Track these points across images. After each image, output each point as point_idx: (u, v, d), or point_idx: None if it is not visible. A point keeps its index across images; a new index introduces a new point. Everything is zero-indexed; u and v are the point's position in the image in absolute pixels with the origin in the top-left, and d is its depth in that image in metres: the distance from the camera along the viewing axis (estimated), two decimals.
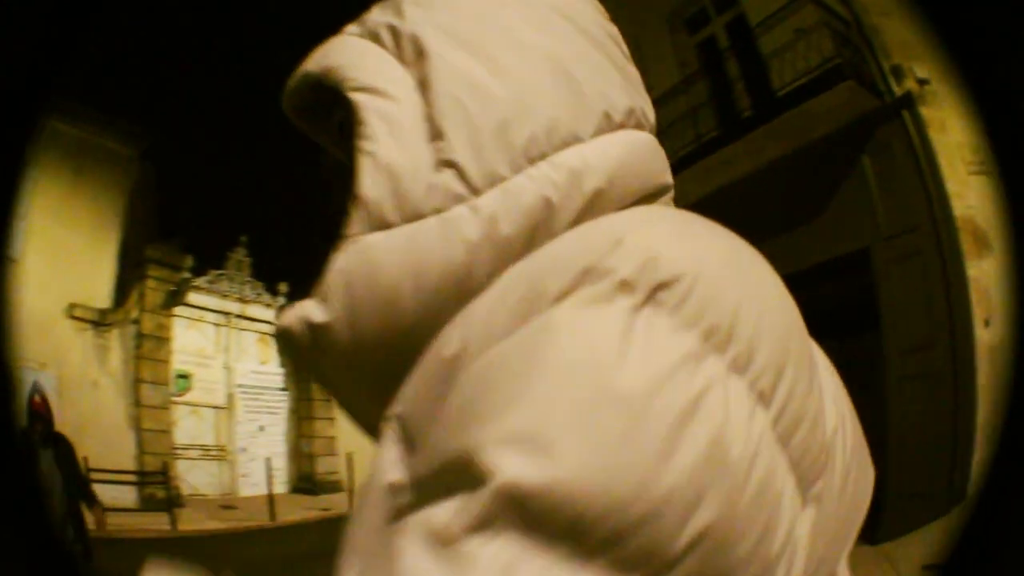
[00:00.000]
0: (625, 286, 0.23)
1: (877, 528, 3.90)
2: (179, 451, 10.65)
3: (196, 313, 10.69)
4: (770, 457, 0.23)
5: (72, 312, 9.50)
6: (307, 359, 0.31)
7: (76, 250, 9.55)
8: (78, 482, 2.98)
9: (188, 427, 10.95)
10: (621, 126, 0.32)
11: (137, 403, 10.14)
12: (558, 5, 0.34)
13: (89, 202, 9.55)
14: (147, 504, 8.82)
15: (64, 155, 8.80)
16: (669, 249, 0.24)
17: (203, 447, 10.77)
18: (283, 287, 11.50)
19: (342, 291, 0.29)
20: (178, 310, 10.39)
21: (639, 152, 0.32)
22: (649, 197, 0.33)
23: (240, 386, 11.07)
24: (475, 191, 0.29)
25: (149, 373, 10.06)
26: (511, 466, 0.20)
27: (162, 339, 10.30)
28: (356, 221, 0.29)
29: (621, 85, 0.33)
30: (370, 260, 0.29)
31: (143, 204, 10.86)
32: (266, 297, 11.28)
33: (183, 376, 10.62)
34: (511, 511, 0.20)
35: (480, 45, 0.31)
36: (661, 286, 0.23)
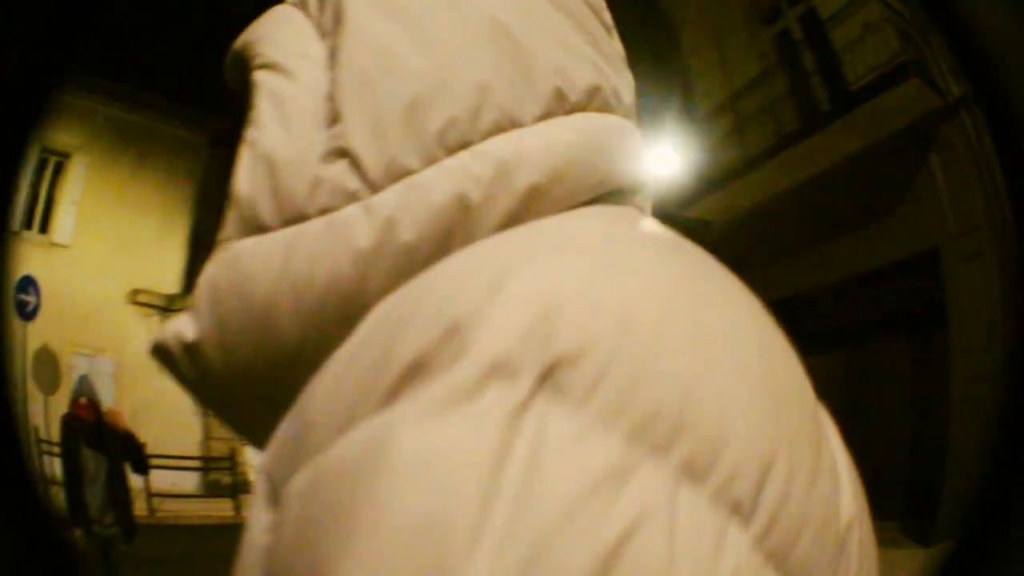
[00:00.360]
0: (501, 368, 0.16)
1: (932, 532, 3.69)
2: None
3: None
4: None
5: (135, 298, 9.49)
6: (185, 381, 0.26)
7: (140, 237, 9.53)
8: (136, 466, 3.14)
9: None
10: (579, 108, 0.26)
11: None
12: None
13: (153, 189, 9.41)
14: (211, 490, 8.92)
15: (125, 142, 8.90)
16: (577, 297, 0.17)
17: None
18: None
19: (210, 306, 0.24)
20: None
21: (599, 140, 0.26)
22: (611, 196, 0.26)
23: None
24: (372, 187, 0.23)
25: None
26: None
27: None
28: (229, 222, 0.25)
29: (588, 59, 0.27)
30: (241, 270, 0.24)
31: (218, 190, 10.79)
32: None
33: None
34: None
35: (407, 6, 0.25)
36: (559, 364, 0.16)
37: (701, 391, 0.16)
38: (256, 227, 0.24)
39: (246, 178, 0.24)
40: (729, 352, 0.18)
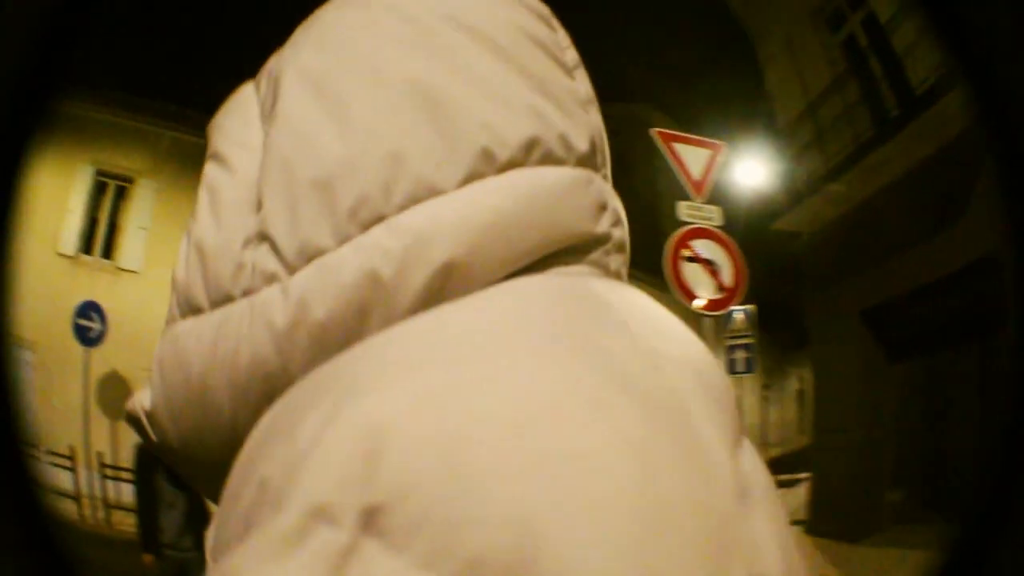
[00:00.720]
0: (321, 513, 0.16)
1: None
2: None
3: None
4: None
5: None
6: (150, 444, 0.28)
7: None
8: None
9: None
10: (514, 164, 0.24)
11: None
12: (455, 12, 0.26)
13: None
14: None
15: (193, 164, 9.50)
16: (407, 432, 0.17)
17: None
18: None
19: (159, 380, 0.26)
20: None
21: (534, 199, 0.23)
22: (561, 256, 0.24)
23: None
24: (289, 268, 0.23)
25: None
26: None
27: None
28: (172, 305, 0.27)
29: (528, 109, 0.24)
30: (180, 349, 0.25)
31: None
32: None
33: None
34: None
35: (332, 82, 0.25)
36: (379, 509, 0.16)
37: (542, 528, 0.15)
38: (192, 309, 0.26)
39: (182, 264, 0.27)
40: (589, 475, 0.16)
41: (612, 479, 0.17)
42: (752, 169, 6.18)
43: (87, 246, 9.85)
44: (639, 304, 0.25)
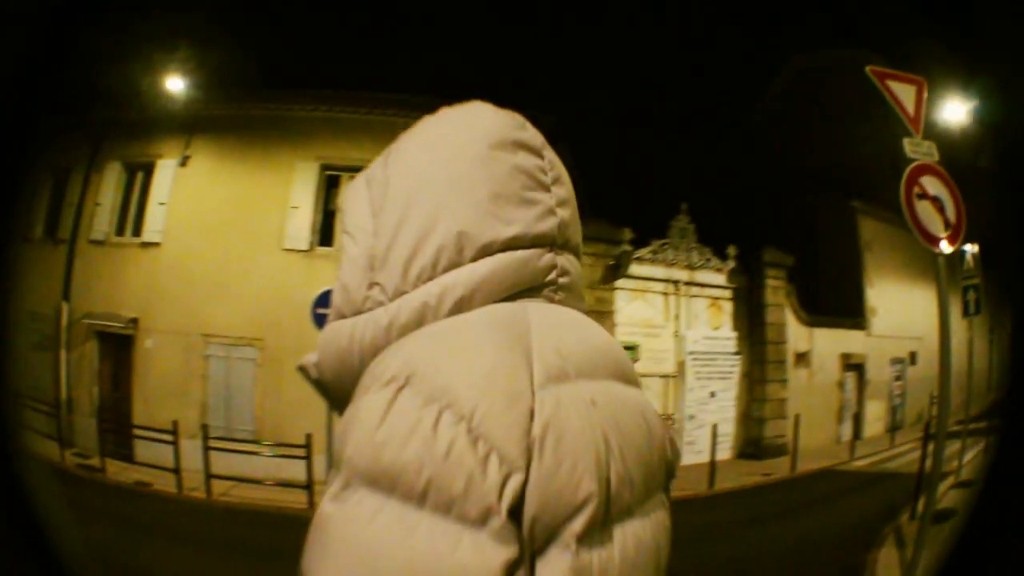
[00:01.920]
0: (390, 381, 0.46)
1: None
2: None
3: (640, 284, 10.39)
4: None
5: None
6: (314, 384, 0.59)
7: None
8: None
9: None
10: (505, 248, 0.55)
11: None
12: (479, 153, 0.56)
13: None
14: None
15: None
16: (421, 352, 0.48)
17: None
18: (732, 250, 11.05)
19: (322, 350, 0.57)
20: (620, 283, 10.08)
21: (505, 270, 0.54)
22: (523, 292, 0.56)
23: (691, 353, 10.67)
24: (389, 300, 0.54)
25: None
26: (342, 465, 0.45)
27: (603, 313, 9.78)
28: (330, 312, 0.58)
29: (508, 217, 0.55)
30: (335, 335, 0.56)
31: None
32: (715, 262, 10.94)
33: (630, 348, 9.93)
34: (355, 475, 0.44)
35: (406, 203, 0.56)
36: (407, 377, 0.46)
37: (448, 373, 0.45)
38: (340, 315, 0.56)
39: (337, 293, 0.56)
40: (466, 355, 0.48)
41: (474, 367, 0.46)
42: (960, 105, 5.50)
43: (325, 238, 9.36)
44: (548, 314, 0.54)
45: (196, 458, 7.95)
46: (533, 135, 0.64)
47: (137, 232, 9.93)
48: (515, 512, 0.44)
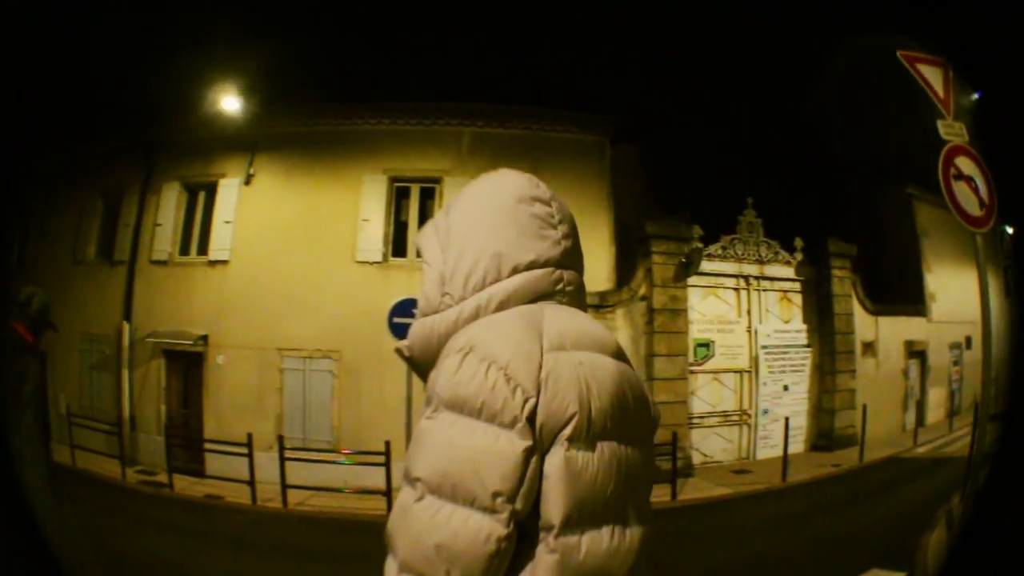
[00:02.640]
0: (460, 350, 0.84)
1: None
2: (694, 420, 9.98)
3: (712, 280, 10.54)
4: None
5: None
6: (407, 360, 0.97)
7: None
8: None
9: (708, 395, 10.27)
10: (527, 269, 0.95)
11: (650, 377, 9.47)
12: (505, 205, 0.97)
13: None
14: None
15: (510, 156, 9.25)
16: (477, 333, 0.87)
17: (723, 413, 10.42)
18: (798, 242, 11.13)
19: (412, 338, 0.97)
20: (692, 280, 10.16)
21: (528, 283, 0.95)
22: (541, 297, 0.96)
23: (764, 347, 10.75)
24: (455, 303, 0.94)
25: (664, 346, 9.79)
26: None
27: (677, 311, 9.93)
28: (417, 312, 0.98)
29: (529, 247, 0.95)
30: (421, 327, 0.97)
31: (633, 184, 10.42)
32: (783, 255, 11.00)
33: (703, 344, 10.33)
34: (441, 403, 0.85)
35: (462, 241, 0.96)
36: (468, 347, 0.84)
37: (487, 344, 0.87)
38: (424, 314, 0.99)
39: (421, 301, 0.98)
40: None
41: (525, 344, 0.86)
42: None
43: (398, 249, 9.49)
44: (557, 311, 0.95)
45: (271, 470, 8.03)
46: (544, 191, 1.04)
47: (203, 251, 10.05)
48: (531, 421, 0.83)
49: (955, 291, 12.39)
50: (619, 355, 0.96)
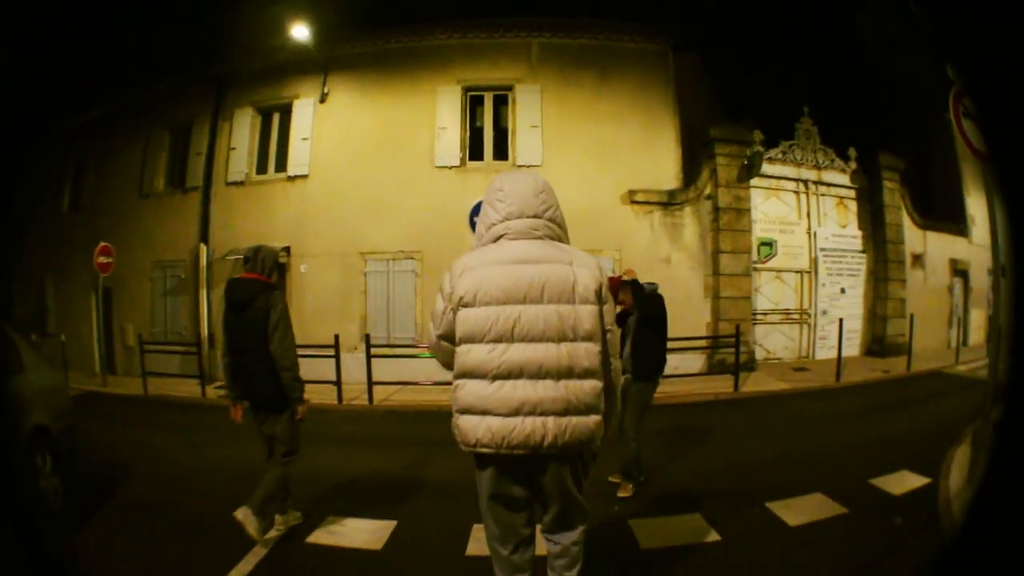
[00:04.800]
0: (452, 273, 1.98)
1: None
2: (758, 317, 10.87)
3: (773, 183, 11.16)
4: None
5: (633, 198, 10.25)
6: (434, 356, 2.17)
7: (622, 144, 10.26)
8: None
9: (770, 293, 11.13)
10: (523, 217, 2.03)
11: (716, 272, 10.33)
12: (525, 186, 2.06)
13: (627, 99, 10.37)
14: (715, 368, 9.69)
15: (578, 65, 10.36)
16: (466, 260, 1.99)
17: (784, 311, 11.12)
18: (852, 152, 11.77)
19: (432, 328, 2.10)
20: (754, 182, 10.78)
21: (525, 225, 2.02)
22: (500, 237, 2.04)
23: (822, 250, 11.39)
24: (484, 243, 2.04)
25: (729, 243, 10.40)
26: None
27: (741, 211, 10.53)
28: (474, 241, 2.13)
29: (516, 215, 2.04)
30: (433, 314, 2.07)
31: (698, 91, 10.99)
32: (839, 163, 11.68)
33: (767, 243, 10.91)
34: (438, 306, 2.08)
35: (485, 209, 2.09)
36: (459, 271, 1.96)
37: (476, 280, 1.96)
38: (434, 319, 2.09)
39: (436, 311, 2.09)
40: (504, 272, 1.97)
41: (503, 276, 1.97)
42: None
43: (475, 153, 10.23)
44: (502, 243, 2.04)
45: (356, 370, 8.47)
46: (496, 185, 2.11)
47: (281, 168, 10.72)
48: (450, 298, 2.00)
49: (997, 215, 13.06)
50: (538, 261, 1.98)
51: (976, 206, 12.83)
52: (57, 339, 11.29)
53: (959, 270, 12.93)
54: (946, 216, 12.83)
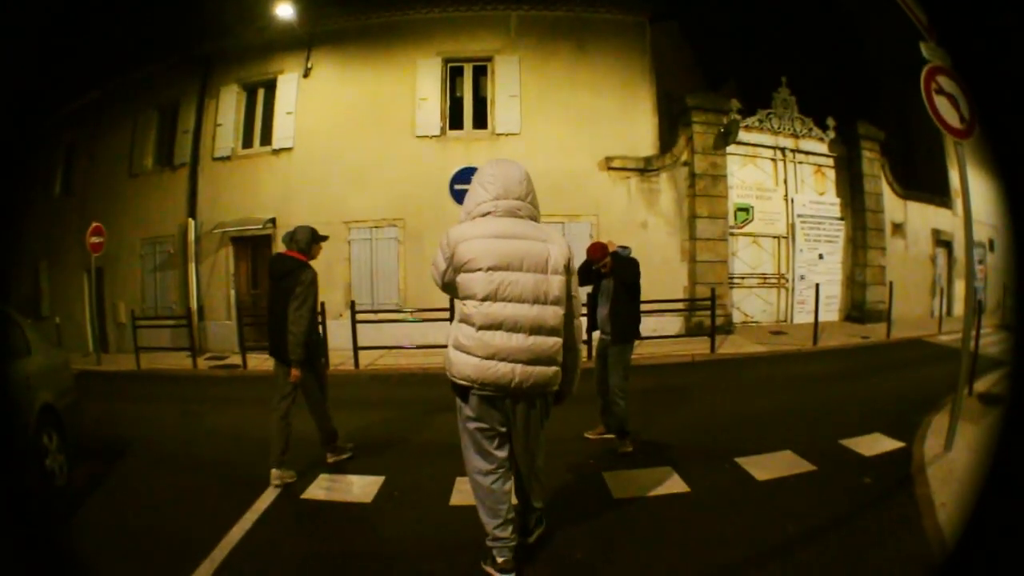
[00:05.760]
0: (447, 246, 2.45)
1: None
2: (735, 280, 11.09)
3: (750, 150, 11.37)
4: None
5: (610, 164, 10.45)
6: (442, 286, 2.63)
7: (600, 113, 10.47)
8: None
9: (748, 257, 11.30)
10: (508, 198, 2.49)
11: (692, 236, 10.55)
12: (510, 171, 2.54)
13: (604, 69, 10.65)
14: (692, 330, 10.02)
15: (556, 36, 10.68)
16: (463, 231, 2.45)
17: (762, 276, 11.31)
18: (831, 121, 12.01)
19: (435, 273, 2.58)
20: (731, 149, 10.97)
21: (511, 206, 2.48)
22: (510, 212, 2.51)
23: (800, 216, 11.63)
24: (474, 216, 2.49)
25: (706, 209, 10.56)
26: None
27: (717, 176, 10.72)
28: (432, 266, 2.58)
29: (483, 196, 2.52)
30: (434, 267, 2.57)
31: (676, 61, 11.38)
32: (817, 131, 11.90)
33: (743, 209, 11.07)
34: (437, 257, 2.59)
35: (474, 188, 2.57)
36: (454, 242, 2.42)
37: (469, 249, 2.43)
38: (437, 268, 2.58)
39: (462, 212, 2.62)
40: (493, 245, 2.45)
41: (501, 246, 2.44)
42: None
43: (455, 123, 10.53)
44: (488, 219, 2.51)
45: (342, 336, 8.76)
46: (483, 171, 2.56)
47: (267, 142, 11.04)
48: (449, 261, 2.47)
49: (977, 192, 13.30)
50: (520, 237, 2.42)
51: (955, 178, 13.08)
52: (52, 322, 11.71)
53: (942, 240, 13.18)
54: (930, 188, 13.08)
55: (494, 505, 2.57)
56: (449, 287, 2.54)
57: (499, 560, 2.57)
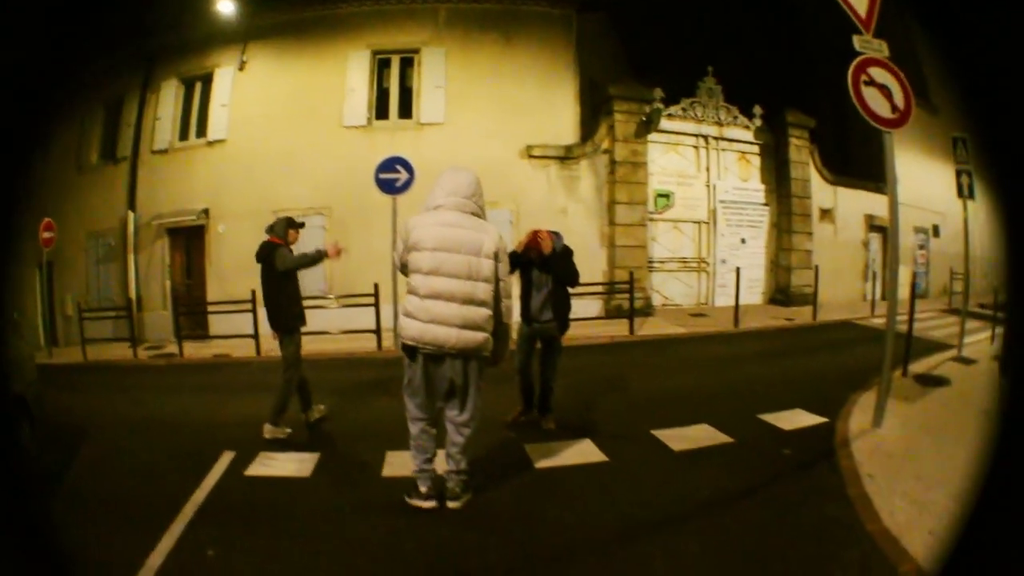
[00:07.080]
0: (407, 234, 3.13)
1: None
2: (654, 265, 11.42)
3: (672, 138, 11.70)
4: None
5: (530, 152, 10.88)
6: (400, 268, 3.34)
7: (523, 103, 10.89)
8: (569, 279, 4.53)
9: (668, 242, 11.61)
10: (451, 196, 3.16)
11: (611, 222, 10.92)
12: (461, 179, 3.27)
13: (528, 60, 11.10)
14: (612, 313, 10.28)
15: (483, 29, 11.10)
16: (418, 219, 3.14)
17: (682, 260, 11.58)
18: (757, 109, 12.28)
19: (397, 258, 3.30)
20: (653, 137, 11.33)
21: (458, 207, 3.14)
22: (457, 207, 3.19)
23: (722, 201, 11.93)
24: (431, 209, 3.15)
25: (625, 195, 10.92)
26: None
27: (637, 164, 11.07)
28: (393, 256, 3.48)
29: (452, 194, 3.20)
30: (399, 260, 3.24)
31: (603, 51, 11.80)
32: (742, 120, 12.18)
33: (664, 195, 11.40)
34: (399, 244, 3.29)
35: (433, 192, 3.26)
36: (410, 229, 3.11)
37: (418, 236, 3.11)
38: (399, 255, 3.27)
39: (395, 255, 3.34)
40: (438, 231, 3.12)
41: (443, 232, 3.08)
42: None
43: (381, 113, 10.98)
44: (439, 211, 3.19)
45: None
46: (444, 179, 3.24)
47: (202, 134, 11.45)
48: (408, 245, 3.12)
49: (920, 179, 13.73)
50: (461, 227, 3.06)
51: (901, 167, 13.40)
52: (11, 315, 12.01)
53: (876, 226, 13.64)
54: (864, 175, 13.53)
55: (423, 444, 3.22)
56: (404, 266, 3.13)
57: (422, 489, 3.21)
